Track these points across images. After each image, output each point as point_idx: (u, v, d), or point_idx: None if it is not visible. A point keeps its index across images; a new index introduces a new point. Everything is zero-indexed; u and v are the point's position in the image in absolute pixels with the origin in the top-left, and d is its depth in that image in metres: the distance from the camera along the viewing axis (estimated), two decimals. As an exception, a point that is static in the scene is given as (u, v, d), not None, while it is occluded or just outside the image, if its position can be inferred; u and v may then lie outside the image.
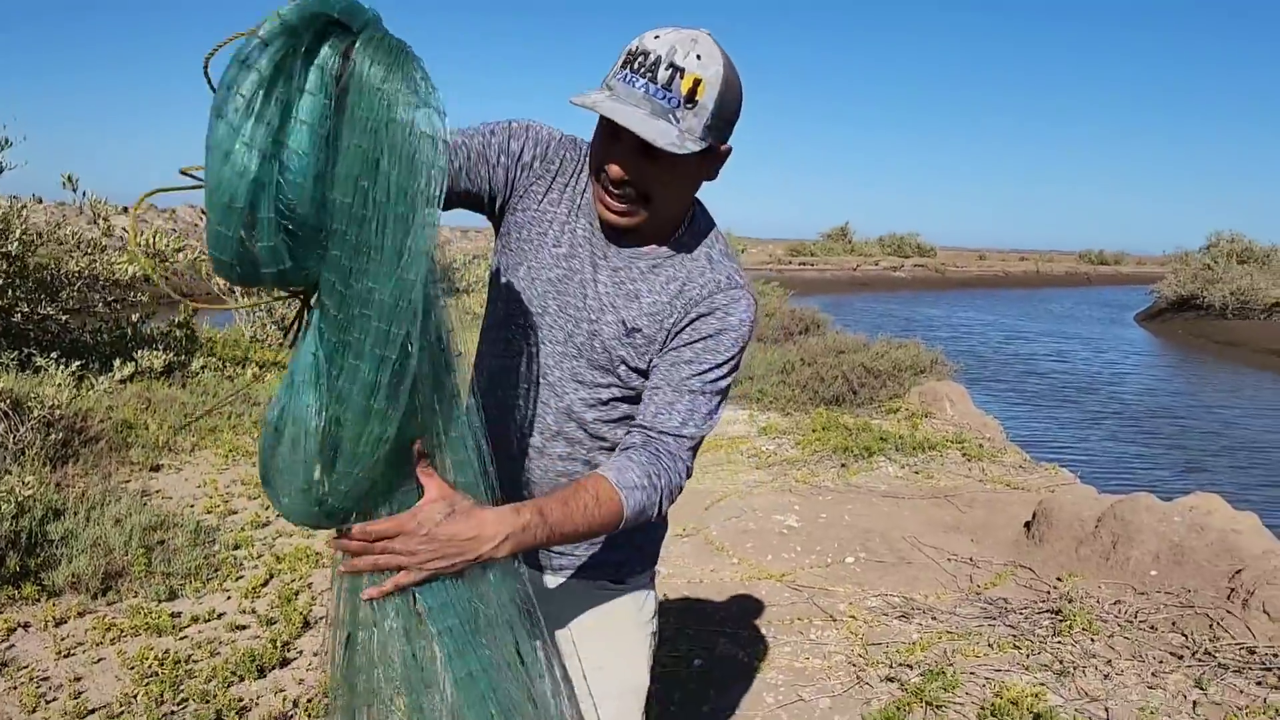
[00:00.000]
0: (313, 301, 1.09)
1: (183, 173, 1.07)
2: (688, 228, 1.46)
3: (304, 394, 1.08)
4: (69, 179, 7.58)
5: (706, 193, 1.50)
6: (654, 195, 1.34)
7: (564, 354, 1.45)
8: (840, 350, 9.17)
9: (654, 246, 1.44)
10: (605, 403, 1.47)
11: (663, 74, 1.25)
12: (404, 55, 0.99)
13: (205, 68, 1.00)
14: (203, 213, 1.03)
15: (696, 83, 1.26)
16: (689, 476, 1.42)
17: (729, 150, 1.38)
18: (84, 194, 7.76)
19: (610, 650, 1.56)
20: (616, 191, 1.34)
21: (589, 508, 1.28)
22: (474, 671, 1.17)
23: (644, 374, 1.45)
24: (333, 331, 1.04)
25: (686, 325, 1.41)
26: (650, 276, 1.43)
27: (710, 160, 1.37)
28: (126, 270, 8.07)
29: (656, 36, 1.27)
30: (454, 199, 1.42)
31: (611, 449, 1.49)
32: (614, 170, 1.32)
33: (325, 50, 0.97)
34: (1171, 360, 20.74)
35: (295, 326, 1.16)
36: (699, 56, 1.26)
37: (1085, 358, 19.20)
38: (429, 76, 1.00)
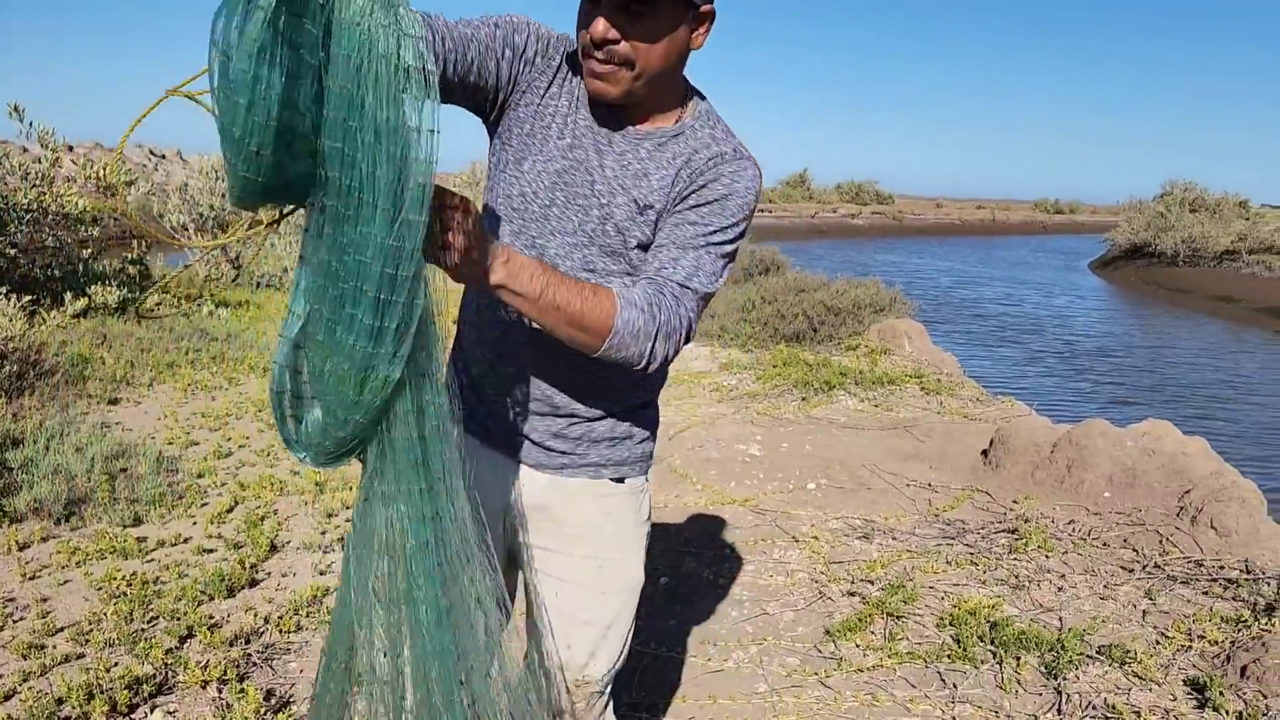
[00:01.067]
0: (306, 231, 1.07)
1: (181, 94, 1.05)
2: (689, 109, 1.47)
3: (300, 339, 1.09)
4: (15, 109, 7.35)
5: None
6: (638, 56, 1.33)
7: (574, 244, 1.45)
8: (801, 289, 9.23)
9: (659, 126, 1.45)
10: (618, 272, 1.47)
11: None
12: None
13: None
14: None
15: None
16: (691, 331, 1.40)
17: (711, 11, 1.38)
18: (30, 125, 7.53)
19: (615, 547, 1.60)
20: (600, 55, 1.34)
21: (585, 294, 1.27)
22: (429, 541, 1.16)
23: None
24: (329, 278, 1.02)
25: (692, 191, 1.41)
26: (657, 154, 1.44)
27: (693, 25, 1.38)
28: (76, 204, 7.88)
29: None
30: (458, 93, 1.41)
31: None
32: (597, 28, 1.31)
33: None
34: (1122, 306, 21.13)
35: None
36: None
37: (1038, 303, 19.51)
38: (409, 7, 0.97)
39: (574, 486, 1.57)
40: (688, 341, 1.40)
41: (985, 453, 4.60)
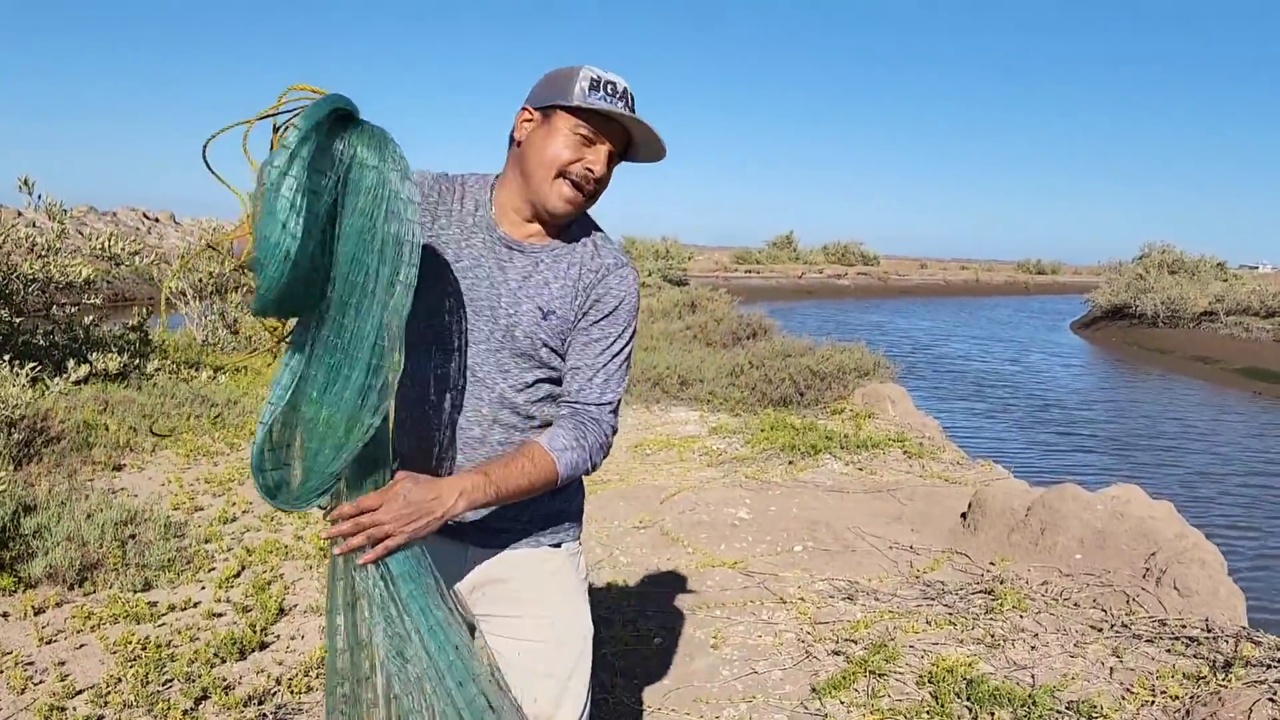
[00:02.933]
0: (297, 326, 1.42)
1: (210, 245, 1.50)
2: (575, 221, 1.73)
3: (293, 400, 1.39)
4: (25, 182, 7.59)
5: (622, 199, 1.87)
6: (603, 189, 1.67)
7: (487, 350, 1.68)
8: (787, 354, 9.46)
9: (553, 240, 1.71)
10: (530, 385, 1.70)
11: (630, 98, 1.62)
12: (387, 138, 1.33)
13: (204, 153, 1.35)
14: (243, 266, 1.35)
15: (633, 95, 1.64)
16: (615, 433, 1.72)
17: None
18: (39, 197, 7.77)
19: (563, 603, 1.79)
20: (589, 187, 1.65)
21: (525, 468, 1.57)
22: (438, 621, 1.46)
23: (560, 354, 1.71)
24: (327, 352, 1.35)
25: (590, 307, 1.69)
26: (555, 266, 1.70)
27: None
28: (80, 273, 8.07)
29: (603, 71, 1.61)
30: None
31: (543, 426, 1.73)
32: (599, 166, 1.63)
33: (336, 139, 1.29)
34: (1103, 367, 21.45)
35: (277, 344, 1.51)
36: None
37: (1022, 364, 19.80)
38: (403, 153, 1.34)
39: (519, 558, 1.77)
40: (613, 436, 1.73)
41: (964, 515, 4.78)
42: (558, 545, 1.80)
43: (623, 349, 1.71)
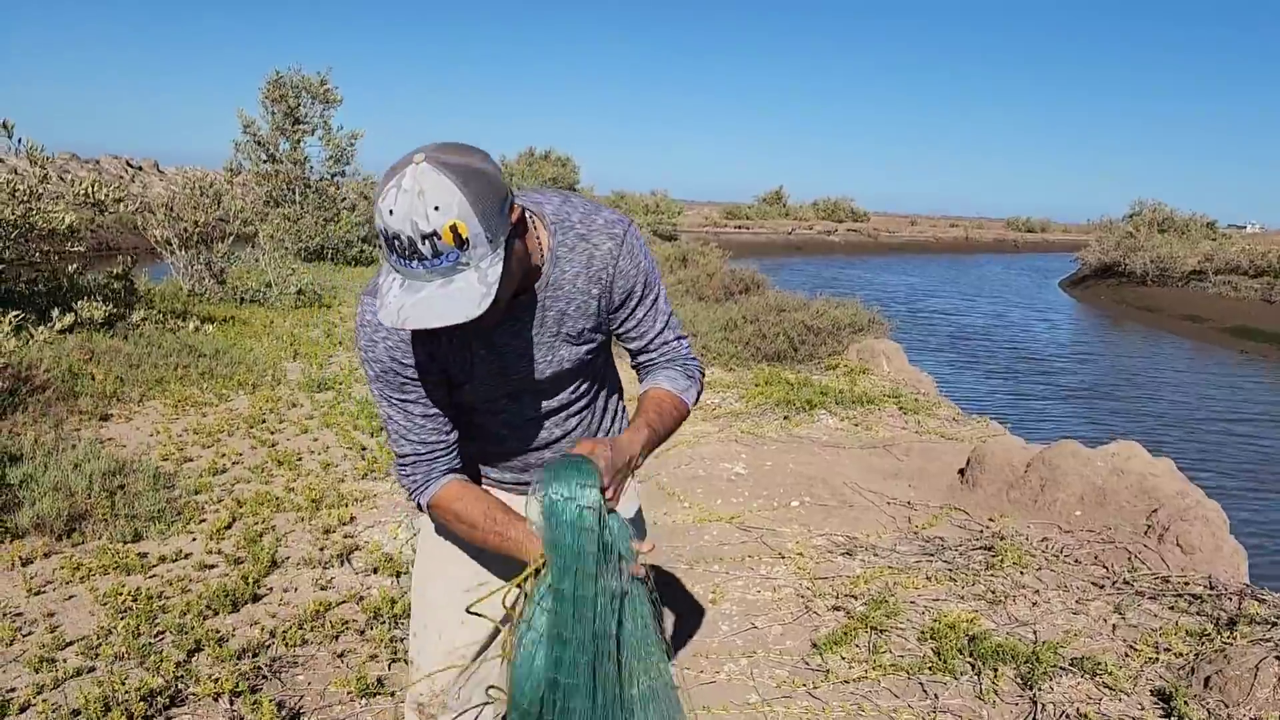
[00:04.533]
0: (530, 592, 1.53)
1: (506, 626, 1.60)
2: (543, 237, 1.57)
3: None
4: (4, 125, 7.41)
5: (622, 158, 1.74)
6: (502, 294, 1.40)
7: (540, 390, 1.69)
8: (781, 309, 9.39)
9: (543, 274, 1.57)
10: (586, 365, 1.72)
11: (424, 248, 1.30)
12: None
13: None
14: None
15: (454, 228, 1.29)
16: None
17: (520, 217, 1.44)
18: (20, 141, 7.59)
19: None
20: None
21: (671, 412, 1.70)
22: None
23: (605, 331, 1.70)
24: (560, 624, 1.47)
25: (619, 297, 1.65)
26: (564, 296, 1.60)
27: (518, 236, 1.44)
28: (63, 220, 7.92)
29: (390, 212, 1.29)
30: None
31: (604, 382, 1.80)
32: (485, 323, 1.43)
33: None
34: (1092, 325, 21.49)
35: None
36: (436, 208, 1.28)
37: (1011, 321, 19.81)
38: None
39: None
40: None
41: (962, 471, 4.75)
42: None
43: (661, 294, 1.72)
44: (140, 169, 34.63)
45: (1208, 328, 19.09)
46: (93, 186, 7.92)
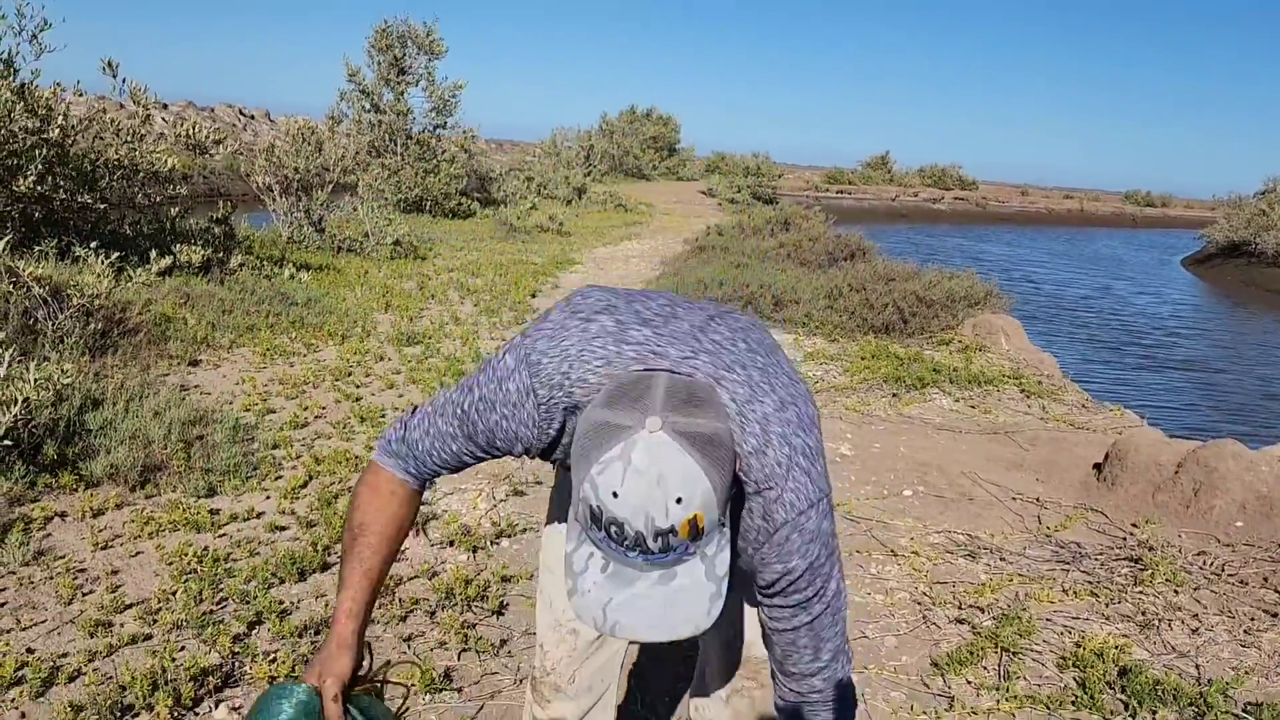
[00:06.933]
0: None
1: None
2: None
3: None
4: (109, 64, 7.35)
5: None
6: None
7: None
8: (890, 278, 8.87)
9: None
10: None
11: (654, 544, 1.01)
12: None
13: None
14: None
15: (693, 521, 1.01)
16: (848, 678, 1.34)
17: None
18: (124, 81, 7.53)
19: None
20: None
21: None
22: None
23: None
24: None
25: (760, 581, 1.27)
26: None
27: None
28: (166, 162, 7.87)
29: (615, 495, 0.99)
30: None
31: None
32: None
33: None
34: (1219, 307, 20.22)
35: None
36: (679, 500, 0.99)
37: (1131, 301, 18.74)
38: None
39: None
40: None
41: (1098, 467, 4.28)
42: None
43: (824, 610, 1.27)
44: (252, 117, 35.36)
45: (1348, 315, 17.74)
46: (193, 128, 7.84)
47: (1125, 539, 3.62)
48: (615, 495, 0.99)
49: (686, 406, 1.04)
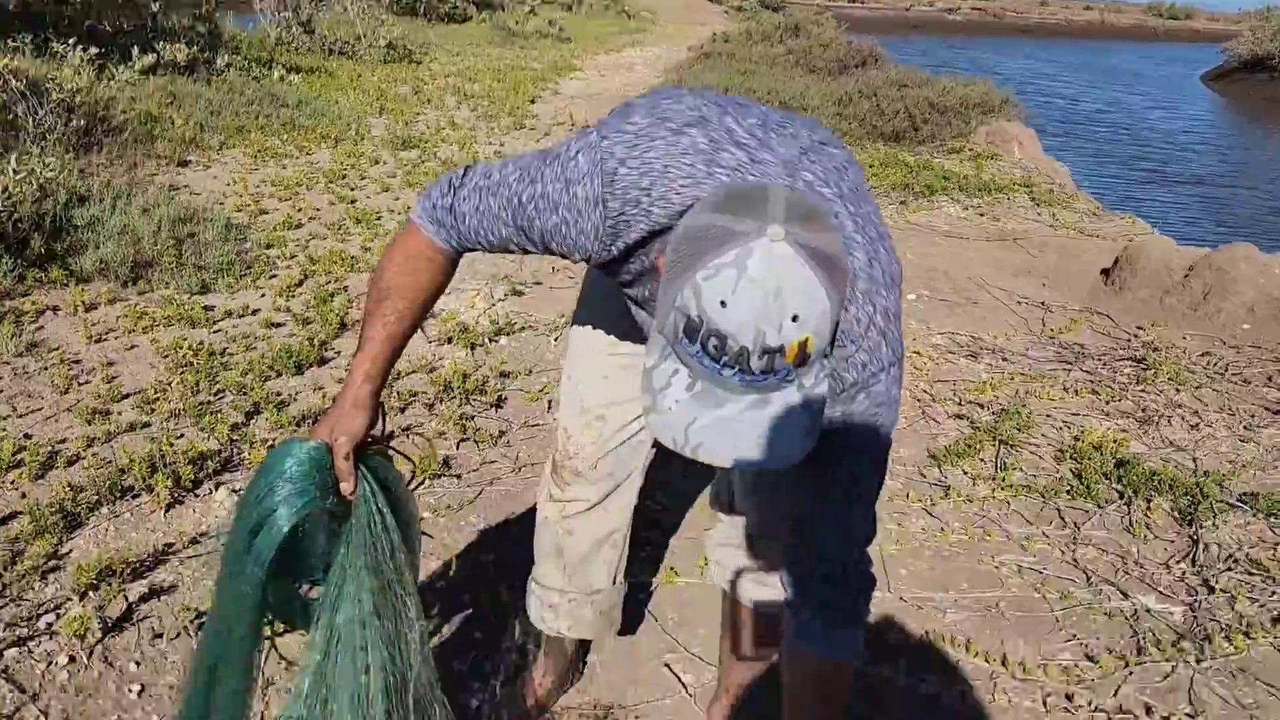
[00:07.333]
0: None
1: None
2: None
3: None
4: None
5: None
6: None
7: None
8: (903, 84, 8.54)
9: None
10: None
11: (758, 362, 0.90)
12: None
13: None
14: None
15: (803, 345, 0.90)
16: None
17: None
18: None
19: None
20: None
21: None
22: None
23: None
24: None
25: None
26: None
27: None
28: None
29: (723, 304, 0.88)
30: None
31: None
32: None
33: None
34: (1237, 124, 19.67)
35: None
36: (795, 318, 0.88)
37: (1146, 116, 18.19)
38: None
39: None
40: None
41: (1106, 272, 4.21)
42: None
43: (865, 480, 1.19)
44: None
45: (1373, 132, 17.25)
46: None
47: (1130, 340, 3.59)
48: (723, 305, 0.88)
49: (810, 221, 0.92)
